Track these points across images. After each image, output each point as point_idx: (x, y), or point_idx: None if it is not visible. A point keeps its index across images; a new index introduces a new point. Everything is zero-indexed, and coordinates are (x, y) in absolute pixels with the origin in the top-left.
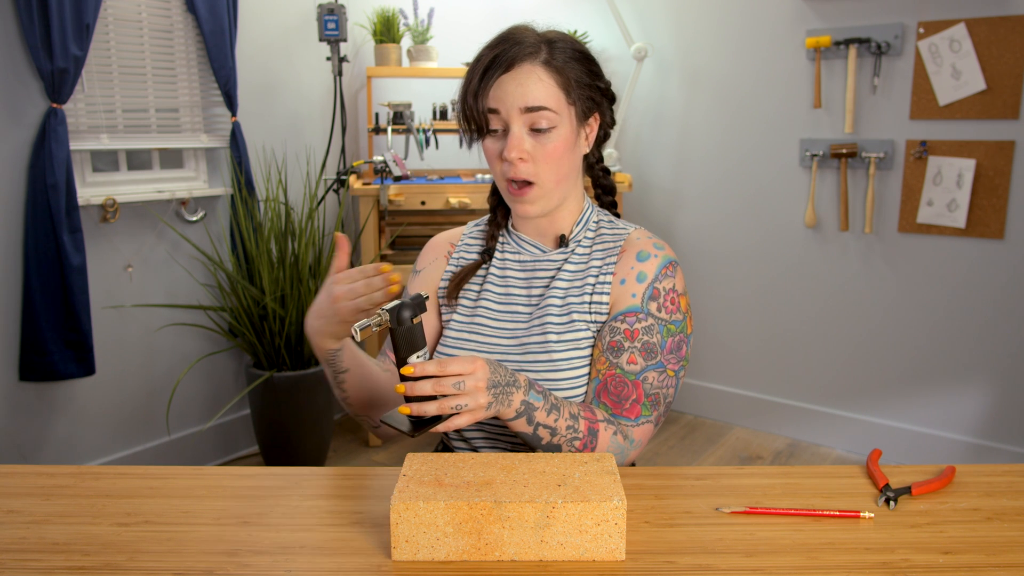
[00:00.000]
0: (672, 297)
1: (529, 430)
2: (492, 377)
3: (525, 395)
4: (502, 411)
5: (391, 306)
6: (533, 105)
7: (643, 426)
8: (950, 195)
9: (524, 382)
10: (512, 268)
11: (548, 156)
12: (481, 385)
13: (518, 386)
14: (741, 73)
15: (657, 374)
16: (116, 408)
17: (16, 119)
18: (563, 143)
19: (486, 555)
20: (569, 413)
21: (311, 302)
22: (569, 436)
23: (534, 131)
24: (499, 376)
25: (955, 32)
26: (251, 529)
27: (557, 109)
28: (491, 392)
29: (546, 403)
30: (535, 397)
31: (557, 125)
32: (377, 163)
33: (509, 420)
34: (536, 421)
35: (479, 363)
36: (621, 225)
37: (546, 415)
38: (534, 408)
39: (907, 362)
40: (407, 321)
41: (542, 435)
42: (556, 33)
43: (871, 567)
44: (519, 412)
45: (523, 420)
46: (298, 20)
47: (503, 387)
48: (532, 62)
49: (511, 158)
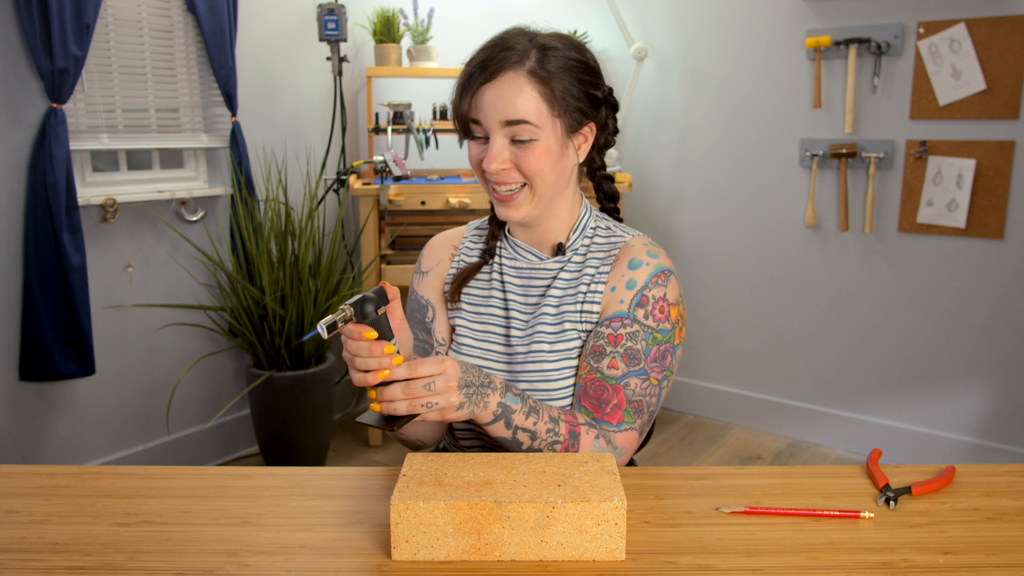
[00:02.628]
0: (662, 306)
1: (508, 434)
2: (464, 376)
3: (501, 397)
4: (477, 413)
5: (354, 300)
6: (512, 119)
7: (626, 433)
8: (950, 195)
9: (500, 384)
10: (510, 274)
11: (530, 167)
12: (452, 384)
13: (493, 388)
14: (741, 73)
15: (640, 381)
16: (116, 408)
17: (16, 119)
18: (545, 154)
19: (486, 555)
20: (549, 416)
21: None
22: (550, 440)
23: (516, 141)
24: (471, 376)
25: (955, 32)
26: (251, 529)
27: (538, 122)
28: (463, 392)
29: (524, 406)
30: (512, 399)
31: (538, 138)
32: (377, 163)
33: (487, 424)
34: (515, 424)
35: (448, 363)
36: (619, 232)
37: (524, 418)
38: (511, 411)
39: (907, 362)
40: (371, 314)
41: (522, 439)
42: (555, 38)
43: (871, 567)
44: (496, 415)
45: (501, 424)
46: (298, 20)
47: (476, 387)
48: (516, 71)
49: (491, 170)
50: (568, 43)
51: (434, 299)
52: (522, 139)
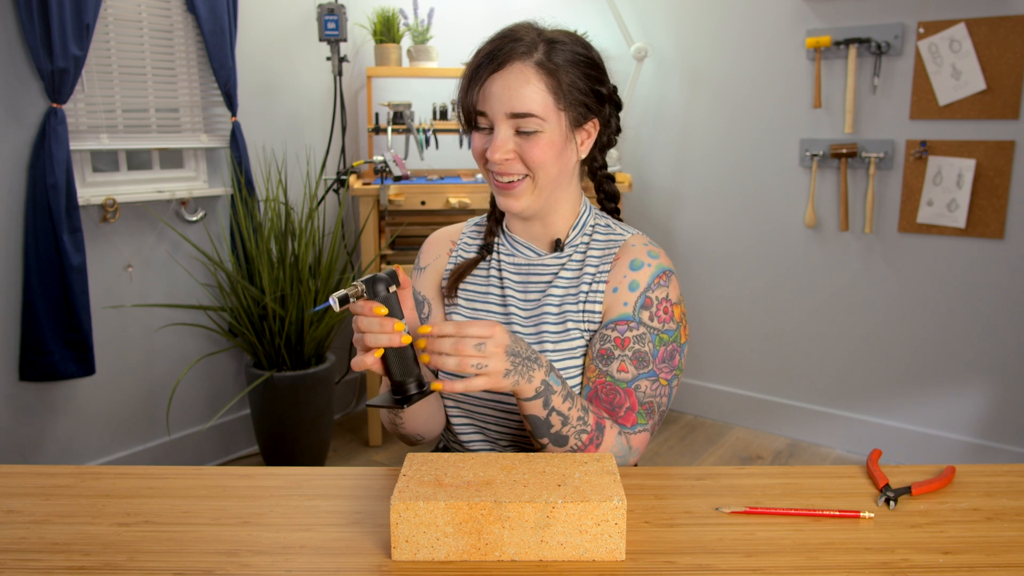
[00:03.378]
0: (665, 306)
1: (543, 414)
2: (512, 345)
3: (546, 375)
4: (522, 386)
5: (366, 278)
6: (518, 111)
7: (640, 434)
8: (950, 195)
9: (545, 362)
10: (508, 270)
11: (533, 158)
12: (499, 350)
13: (540, 364)
14: (741, 73)
15: (650, 383)
16: (116, 408)
17: (16, 119)
18: (549, 147)
19: (486, 555)
20: (581, 405)
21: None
22: (579, 428)
23: (520, 133)
24: (519, 347)
25: (955, 32)
26: (251, 529)
27: (543, 115)
28: (510, 359)
29: (563, 389)
30: (555, 380)
31: (543, 130)
32: (377, 163)
33: (527, 400)
34: (552, 406)
35: (498, 327)
36: (618, 231)
37: (562, 401)
38: (552, 391)
39: (907, 362)
40: (382, 292)
41: (554, 422)
42: (562, 33)
43: (871, 567)
44: (538, 392)
45: (540, 402)
46: (298, 20)
47: (523, 359)
48: (524, 62)
49: (495, 159)
50: (575, 39)
51: (430, 295)
52: (527, 130)
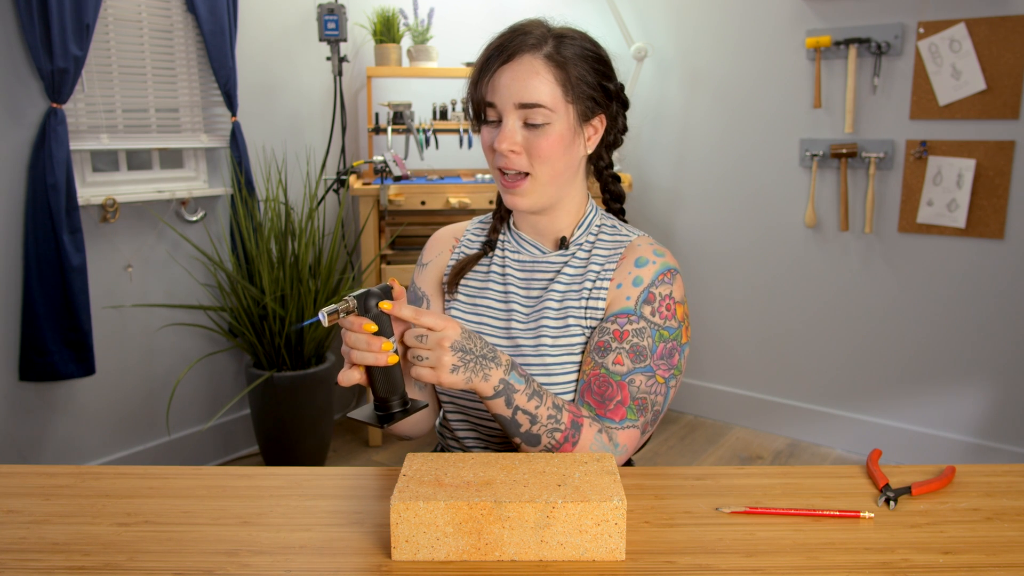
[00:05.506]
0: (668, 303)
1: (508, 413)
2: (461, 341)
3: (505, 374)
4: (476, 383)
5: (358, 293)
6: (527, 102)
7: (628, 430)
8: (950, 195)
9: (506, 361)
10: (512, 267)
11: (540, 152)
12: (445, 344)
13: (498, 363)
14: (741, 73)
15: (645, 378)
16: (116, 408)
17: (16, 119)
18: (557, 140)
19: (486, 555)
20: (552, 403)
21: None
22: (550, 426)
23: (528, 125)
24: (472, 344)
25: (955, 32)
26: (251, 529)
27: (552, 106)
28: (456, 355)
29: (528, 388)
30: (516, 379)
31: (552, 122)
32: (377, 163)
33: (487, 399)
34: (516, 404)
35: (451, 323)
36: (624, 231)
37: (527, 400)
38: (514, 390)
39: (907, 362)
40: (373, 308)
41: (521, 421)
42: (570, 29)
43: (871, 567)
44: (497, 391)
45: (502, 401)
46: (298, 20)
47: (476, 357)
48: (533, 54)
49: (501, 149)
50: (584, 35)
51: (430, 292)
52: (535, 123)
